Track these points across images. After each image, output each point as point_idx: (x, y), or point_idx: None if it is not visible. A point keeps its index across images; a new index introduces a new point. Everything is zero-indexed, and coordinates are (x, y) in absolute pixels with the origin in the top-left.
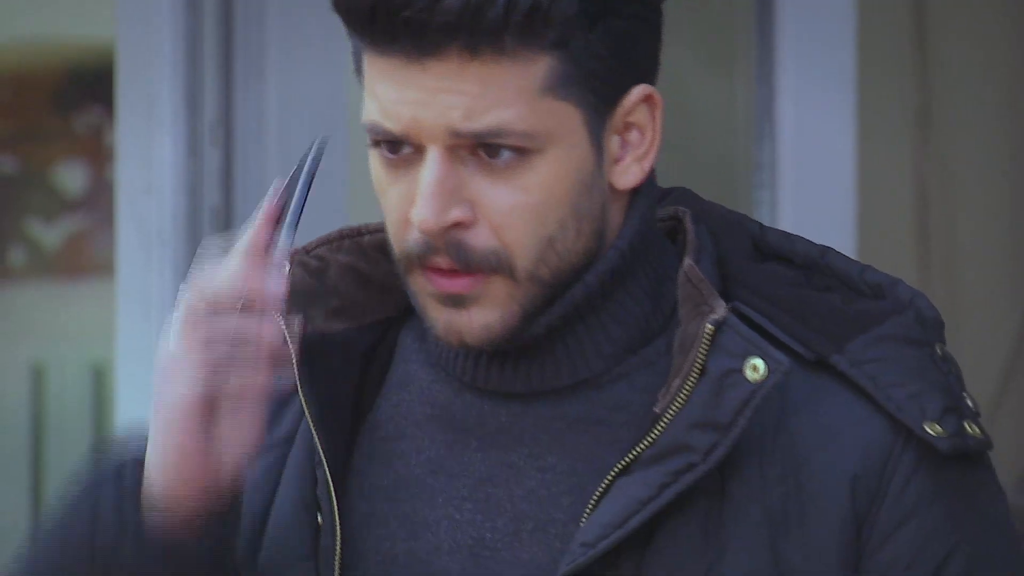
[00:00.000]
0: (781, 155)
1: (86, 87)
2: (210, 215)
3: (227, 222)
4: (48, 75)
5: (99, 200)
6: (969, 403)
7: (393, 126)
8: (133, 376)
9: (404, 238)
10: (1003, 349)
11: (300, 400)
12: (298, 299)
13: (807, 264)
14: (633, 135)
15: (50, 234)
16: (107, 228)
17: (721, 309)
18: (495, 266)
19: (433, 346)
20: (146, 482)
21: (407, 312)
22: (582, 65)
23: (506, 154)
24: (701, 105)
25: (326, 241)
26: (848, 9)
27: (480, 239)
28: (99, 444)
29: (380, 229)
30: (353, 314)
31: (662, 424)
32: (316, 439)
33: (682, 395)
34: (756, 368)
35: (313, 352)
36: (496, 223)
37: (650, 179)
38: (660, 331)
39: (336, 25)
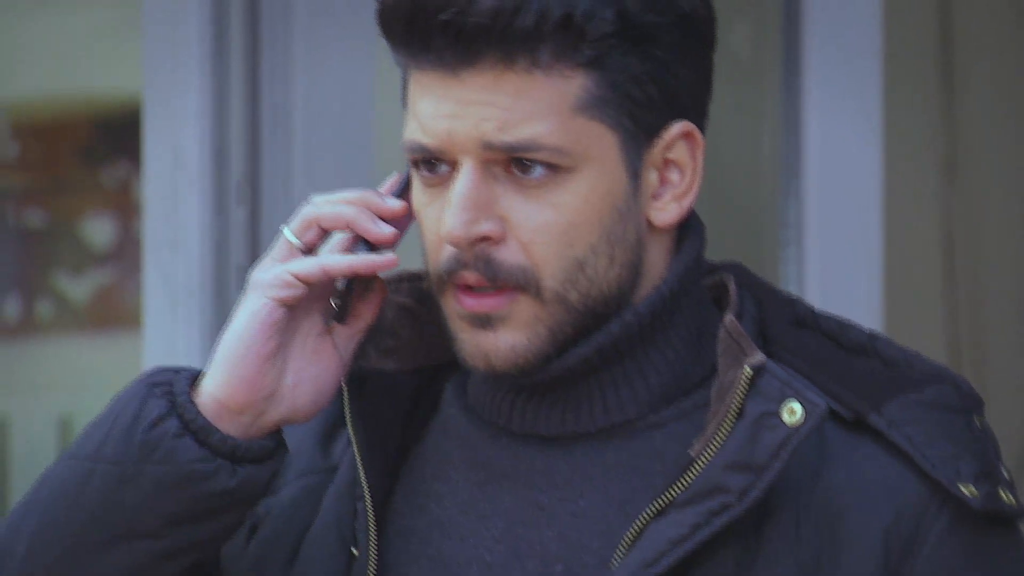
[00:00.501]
0: (807, 213)
1: (114, 140)
2: (236, 273)
3: None
4: (76, 128)
5: (126, 253)
6: (1004, 473)
7: (430, 140)
8: None
9: (437, 258)
10: None
11: (348, 432)
12: None
13: (855, 348)
14: (673, 173)
15: (78, 287)
16: (134, 281)
17: (759, 355)
18: (522, 283)
19: (469, 390)
20: (198, 387)
21: (455, 360)
22: (618, 88)
23: (538, 170)
24: (728, 164)
25: (386, 281)
26: (874, 64)
27: (509, 255)
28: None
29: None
30: (405, 356)
31: (697, 467)
32: (361, 472)
33: (718, 438)
34: (793, 411)
35: (364, 388)
36: (525, 240)
37: (697, 230)
38: (699, 385)
39: (364, 86)
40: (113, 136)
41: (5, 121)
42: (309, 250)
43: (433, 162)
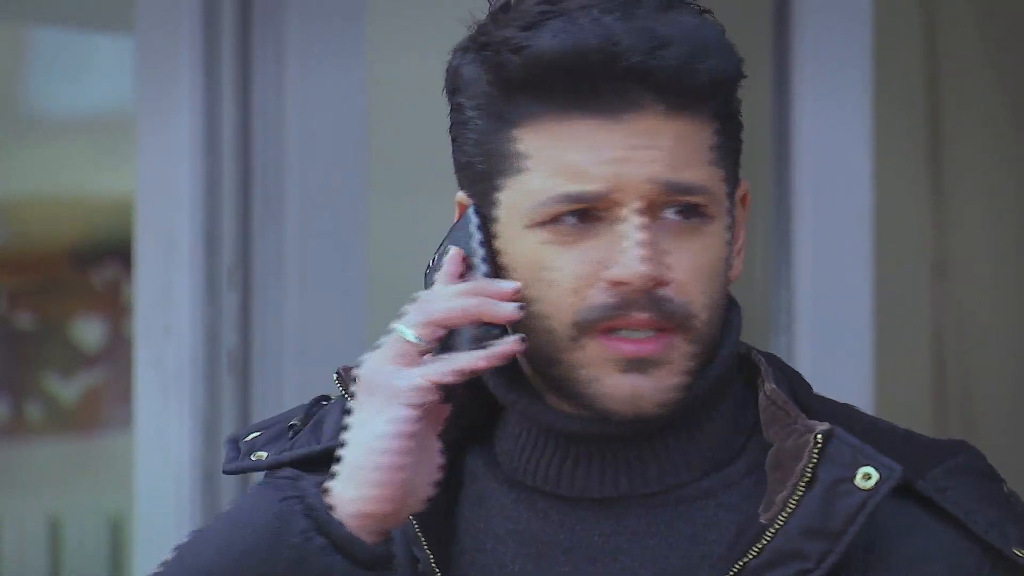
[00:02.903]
0: (798, 300)
1: (104, 242)
2: (228, 357)
3: (245, 364)
4: (67, 230)
5: (116, 355)
6: None
7: (593, 187)
8: (151, 529)
9: (582, 302)
10: None
11: None
12: None
13: (869, 419)
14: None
15: (67, 388)
16: (124, 383)
17: (824, 423)
18: (684, 321)
19: (503, 459)
20: (332, 496)
21: (471, 436)
22: (731, 138)
23: (694, 215)
24: None
25: None
26: (865, 161)
27: (672, 295)
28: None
29: None
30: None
31: (769, 534)
32: (428, 553)
33: (790, 504)
34: (868, 476)
35: None
36: (682, 280)
37: (735, 299)
38: (739, 454)
39: (358, 172)
40: (103, 238)
41: None
42: (428, 349)
43: (581, 213)
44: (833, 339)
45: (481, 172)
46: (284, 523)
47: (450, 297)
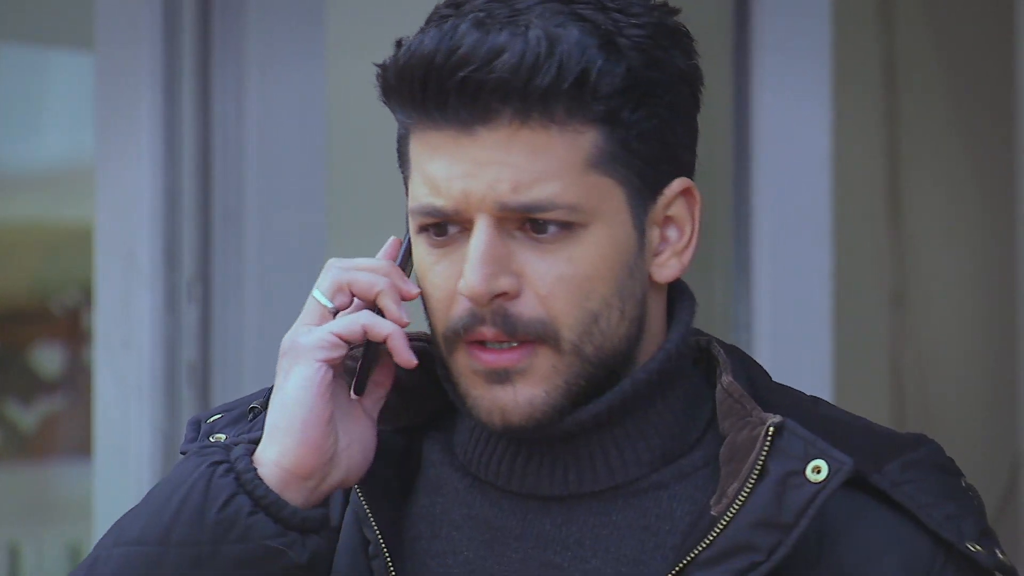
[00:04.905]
0: (756, 324)
1: (64, 269)
2: (188, 370)
3: (204, 377)
4: (27, 257)
5: (76, 382)
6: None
7: (445, 203)
8: None
9: (448, 315)
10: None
11: (345, 492)
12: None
13: (825, 411)
14: (671, 230)
15: (26, 415)
16: (83, 410)
17: (776, 415)
18: (541, 335)
19: (459, 450)
20: (256, 457)
21: (431, 421)
22: (627, 144)
23: (552, 228)
24: None
25: None
26: (823, 183)
27: (525, 309)
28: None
29: (418, 338)
30: (386, 417)
31: (719, 526)
32: (377, 532)
33: (741, 497)
34: (819, 469)
35: None
36: (542, 294)
37: (689, 291)
38: (695, 446)
39: (317, 184)
40: (64, 264)
41: None
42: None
43: (444, 224)
44: (791, 364)
45: (401, 170)
46: (210, 486)
47: (360, 268)
